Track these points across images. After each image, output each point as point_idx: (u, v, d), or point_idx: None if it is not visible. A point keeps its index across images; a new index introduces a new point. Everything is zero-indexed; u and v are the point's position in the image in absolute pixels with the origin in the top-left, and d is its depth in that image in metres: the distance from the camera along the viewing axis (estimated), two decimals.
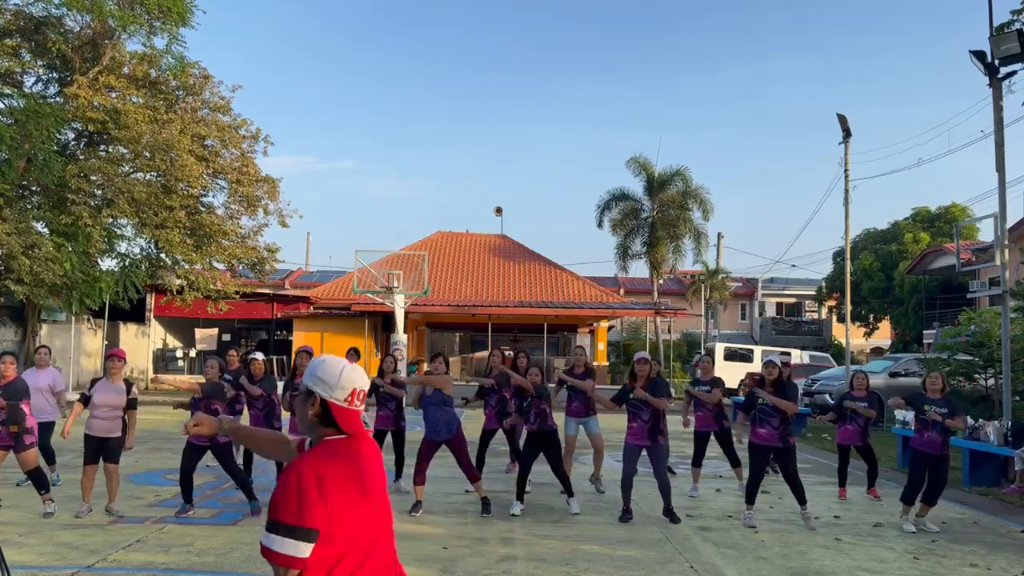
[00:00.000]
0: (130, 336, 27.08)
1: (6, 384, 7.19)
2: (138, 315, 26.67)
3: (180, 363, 28.19)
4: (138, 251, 21.07)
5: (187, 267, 20.64)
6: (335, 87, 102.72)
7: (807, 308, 48.55)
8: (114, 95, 19.26)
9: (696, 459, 9.36)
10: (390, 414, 8.87)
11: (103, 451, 7.35)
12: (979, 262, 18.58)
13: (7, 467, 8.33)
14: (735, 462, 9.32)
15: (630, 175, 40.46)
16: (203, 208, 20.87)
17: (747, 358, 28.10)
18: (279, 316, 28.40)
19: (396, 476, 8.87)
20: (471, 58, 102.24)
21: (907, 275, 32.95)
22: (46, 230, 18.46)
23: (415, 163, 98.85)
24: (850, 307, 18.80)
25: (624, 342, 39.36)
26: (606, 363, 30.59)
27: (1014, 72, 10.92)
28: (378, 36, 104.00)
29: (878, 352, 38.49)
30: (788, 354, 26.87)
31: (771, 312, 47.91)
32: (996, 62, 10.81)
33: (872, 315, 37.83)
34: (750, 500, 7.70)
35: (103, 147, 20.52)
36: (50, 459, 8.89)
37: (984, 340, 14.20)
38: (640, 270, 35.08)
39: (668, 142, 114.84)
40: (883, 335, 40.19)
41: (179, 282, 21.36)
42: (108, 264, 20.92)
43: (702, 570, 6.01)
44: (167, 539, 6.52)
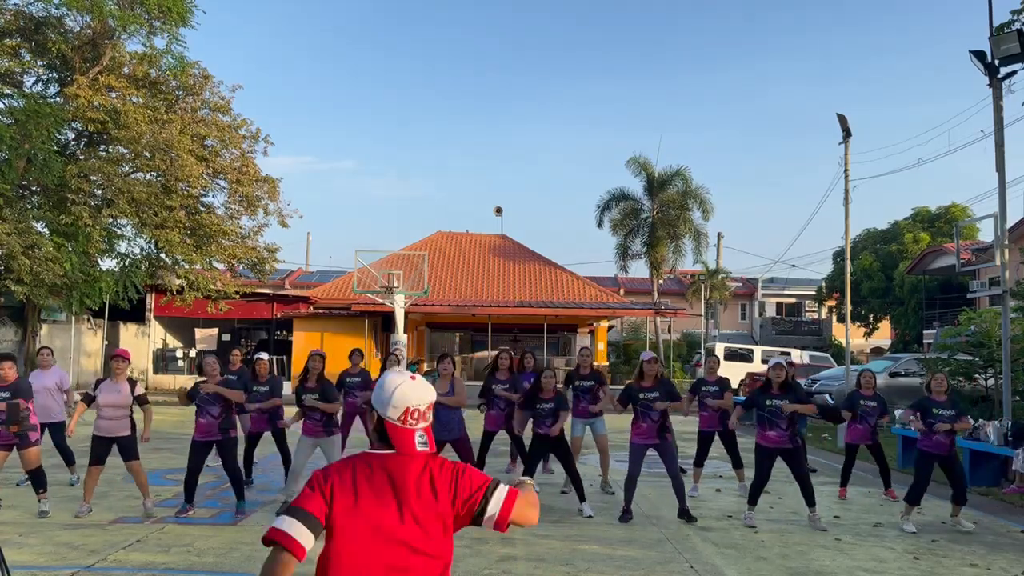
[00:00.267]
0: (130, 336, 27.08)
1: (7, 385, 7.20)
2: (138, 315, 26.66)
3: (180, 363, 28.18)
4: (138, 251, 21.07)
5: (187, 267, 20.62)
6: (335, 87, 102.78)
7: (807, 308, 48.55)
8: (114, 95, 19.25)
9: (698, 459, 9.35)
10: None
11: (119, 451, 7.37)
12: (979, 262, 18.58)
13: (7, 467, 8.34)
14: (737, 463, 9.30)
15: (630, 175, 40.54)
16: (203, 208, 20.84)
17: (747, 358, 28.11)
18: (279, 316, 28.37)
19: None
20: (471, 58, 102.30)
21: (907, 275, 32.95)
22: (46, 230, 18.45)
23: (415, 163, 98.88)
24: (850, 307, 18.80)
25: (624, 342, 39.38)
26: (606, 363, 30.59)
27: (1014, 72, 10.91)
28: (378, 36, 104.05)
29: (878, 352, 38.48)
30: (788, 354, 26.93)
31: (771, 312, 47.91)
32: (996, 62, 10.80)
33: (872, 315, 37.82)
34: (752, 501, 7.69)
35: (103, 147, 20.51)
36: (69, 460, 8.90)
37: (984, 340, 14.19)
38: (640, 270, 35.14)
39: (668, 142, 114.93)
40: (883, 335, 40.19)
41: (179, 282, 21.34)
42: (108, 264, 20.92)
43: (702, 570, 6.02)
44: (167, 539, 6.52)
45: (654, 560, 6.26)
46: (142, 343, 27.17)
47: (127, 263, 20.52)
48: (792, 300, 48.46)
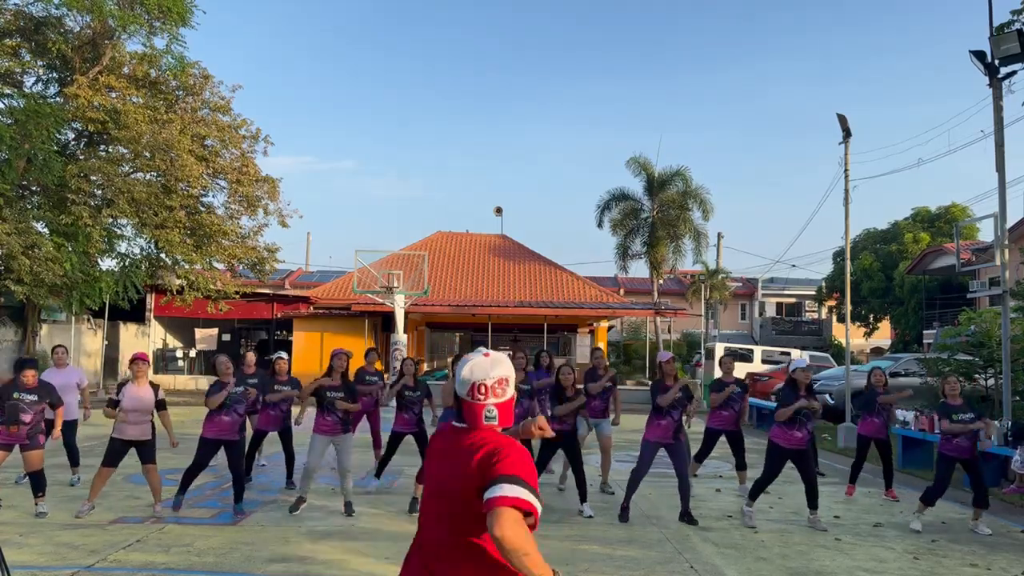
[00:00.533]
0: (130, 336, 27.08)
1: (30, 388, 7.22)
2: (138, 315, 26.67)
3: (180, 363, 28.19)
4: (138, 251, 21.08)
5: (187, 267, 20.63)
6: (335, 87, 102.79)
7: (807, 308, 48.55)
8: (114, 95, 19.26)
9: (700, 455, 9.34)
10: (413, 417, 8.54)
11: (138, 453, 7.38)
12: (979, 262, 18.58)
13: (7, 467, 8.34)
14: (741, 465, 9.28)
15: (630, 175, 40.56)
16: (203, 208, 20.85)
17: (747, 358, 28.08)
18: (279, 316, 28.38)
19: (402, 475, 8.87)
20: (471, 58, 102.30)
21: (907, 275, 32.94)
22: (46, 230, 18.45)
23: (415, 163, 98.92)
24: (850, 307, 18.76)
25: (624, 342, 39.37)
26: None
27: (1014, 72, 10.89)
28: (378, 36, 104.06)
29: (878, 352, 38.48)
30: (788, 354, 26.93)
31: (771, 312, 47.90)
32: (996, 62, 10.79)
33: (872, 315, 37.82)
34: (753, 497, 7.66)
35: (103, 147, 20.51)
36: (75, 460, 8.90)
37: (984, 340, 14.18)
38: (640, 270, 35.11)
39: (668, 142, 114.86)
40: (883, 335, 40.18)
41: (179, 282, 21.35)
42: (108, 264, 20.93)
43: (702, 570, 6.01)
44: (167, 539, 6.52)
45: (654, 560, 6.26)
46: (142, 343, 27.17)
47: (127, 263, 20.52)
48: (792, 300, 48.46)
